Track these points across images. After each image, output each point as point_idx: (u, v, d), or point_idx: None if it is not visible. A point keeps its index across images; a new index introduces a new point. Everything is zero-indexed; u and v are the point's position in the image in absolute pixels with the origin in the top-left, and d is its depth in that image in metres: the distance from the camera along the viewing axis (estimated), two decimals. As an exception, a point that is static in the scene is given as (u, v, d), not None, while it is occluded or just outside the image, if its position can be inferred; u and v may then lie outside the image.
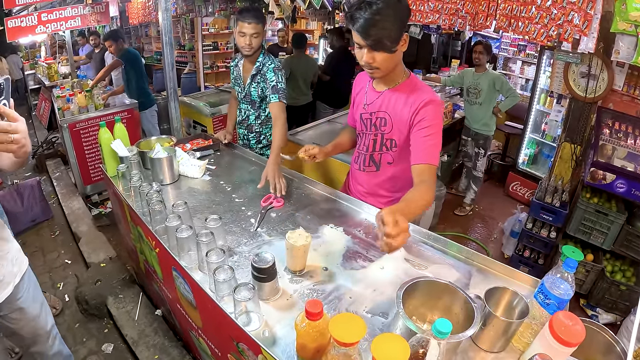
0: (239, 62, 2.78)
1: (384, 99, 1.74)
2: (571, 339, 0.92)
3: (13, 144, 1.16)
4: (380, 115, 1.76)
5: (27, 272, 1.78)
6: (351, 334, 0.85)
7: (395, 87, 1.72)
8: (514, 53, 6.89)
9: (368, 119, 1.82)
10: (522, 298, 1.15)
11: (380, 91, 1.76)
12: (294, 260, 1.48)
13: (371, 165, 1.91)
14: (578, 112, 3.18)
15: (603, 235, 2.97)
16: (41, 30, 3.49)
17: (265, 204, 2.00)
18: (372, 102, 1.78)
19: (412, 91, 1.67)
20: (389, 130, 1.75)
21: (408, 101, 1.66)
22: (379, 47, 1.51)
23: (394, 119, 1.72)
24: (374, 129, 1.80)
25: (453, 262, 1.60)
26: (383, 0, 1.44)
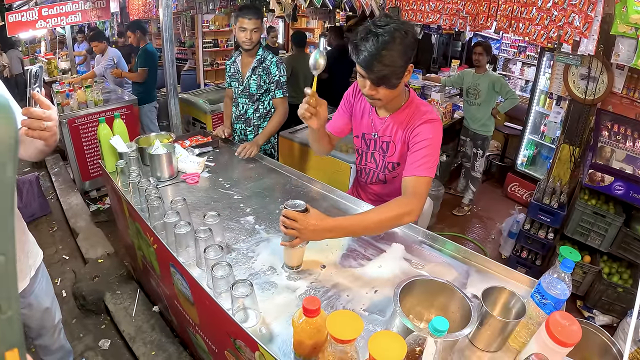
0: (236, 58, 2.86)
1: (387, 125, 1.72)
2: (567, 339, 0.93)
3: (46, 132, 1.18)
4: (386, 140, 1.75)
5: (41, 265, 1.78)
6: (348, 331, 0.85)
7: (397, 111, 1.68)
8: (514, 54, 6.89)
9: (372, 140, 1.81)
10: (519, 298, 1.16)
11: (383, 117, 1.73)
12: (291, 257, 1.48)
13: (378, 182, 1.93)
14: (577, 114, 3.18)
15: (600, 237, 2.97)
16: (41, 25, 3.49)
17: None
18: (379, 128, 1.75)
19: (413, 114, 1.65)
20: (392, 154, 1.76)
21: (409, 125, 1.65)
22: (382, 83, 1.46)
23: (397, 143, 1.71)
24: (381, 151, 1.80)
25: (451, 261, 1.61)
26: (389, 32, 1.36)
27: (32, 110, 1.16)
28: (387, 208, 1.47)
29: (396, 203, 1.48)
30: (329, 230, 1.38)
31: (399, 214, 1.45)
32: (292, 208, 1.38)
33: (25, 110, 1.16)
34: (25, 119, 1.17)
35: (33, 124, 1.16)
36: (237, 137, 2.99)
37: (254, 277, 1.48)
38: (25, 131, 1.17)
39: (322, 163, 3.20)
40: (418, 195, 1.50)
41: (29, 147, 1.39)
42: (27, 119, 1.16)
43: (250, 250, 1.64)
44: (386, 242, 1.71)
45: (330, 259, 1.59)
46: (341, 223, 1.41)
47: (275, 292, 1.40)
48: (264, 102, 2.83)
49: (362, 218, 1.48)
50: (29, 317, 1.80)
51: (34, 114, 1.16)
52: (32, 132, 1.17)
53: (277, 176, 2.34)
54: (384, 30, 1.36)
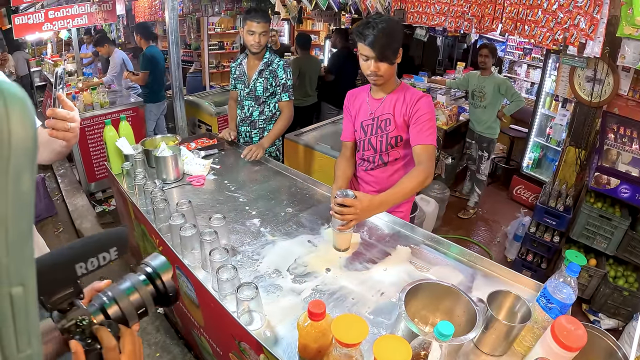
0: (242, 61, 2.85)
1: (386, 103, 1.95)
2: (573, 344, 0.92)
3: (69, 132, 1.22)
4: (385, 117, 1.95)
5: None
6: (353, 335, 0.85)
7: (392, 92, 1.95)
8: (520, 56, 6.86)
9: (370, 124, 2.00)
10: (524, 302, 1.15)
11: (380, 98, 1.97)
12: (344, 241, 1.66)
13: (379, 164, 2.05)
14: (583, 117, 3.16)
15: (606, 240, 2.95)
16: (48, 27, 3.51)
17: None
18: (376, 108, 1.97)
19: (406, 92, 1.93)
20: (393, 128, 1.94)
21: (405, 100, 1.90)
22: (383, 59, 1.76)
23: (397, 117, 1.92)
24: (379, 130, 1.98)
25: (456, 264, 1.61)
26: (386, 21, 1.72)
27: (57, 111, 1.19)
28: (413, 176, 1.76)
29: (418, 171, 1.77)
30: (377, 206, 1.67)
31: (423, 179, 1.75)
32: (344, 196, 1.57)
33: (51, 111, 1.19)
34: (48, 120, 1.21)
35: (57, 124, 1.19)
36: (242, 139, 2.99)
37: (259, 280, 1.48)
38: (50, 132, 1.20)
39: (328, 166, 3.19)
40: (430, 162, 1.81)
41: (45, 150, 1.42)
42: (52, 120, 1.19)
43: (256, 253, 1.64)
44: (391, 245, 1.71)
45: (336, 262, 1.60)
46: (386, 197, 1.69)
47: (280, 295, 1.41)
48: (270, 105, 2.84)
49: (399, 189, 1.73)
50: None
51: (59, 115, 1.19)
52: (57, 133, 1.20)
53: (282, 179, 2.35)
54: (381, 20, 1.72)
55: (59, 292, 0.64)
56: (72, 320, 0.66)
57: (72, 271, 0.64)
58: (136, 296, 0.73)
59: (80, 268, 0.64)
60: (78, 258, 0.64)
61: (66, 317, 0.66)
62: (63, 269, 0.64)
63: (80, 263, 0.64)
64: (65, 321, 0.66)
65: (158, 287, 0.75)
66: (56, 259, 0.64)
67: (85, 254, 0.65)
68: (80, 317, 0.66)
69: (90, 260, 0.65)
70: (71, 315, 0.66)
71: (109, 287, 0.74)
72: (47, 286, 0.62)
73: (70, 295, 0.65)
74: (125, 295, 0.72)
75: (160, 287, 0.76)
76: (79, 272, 0.64)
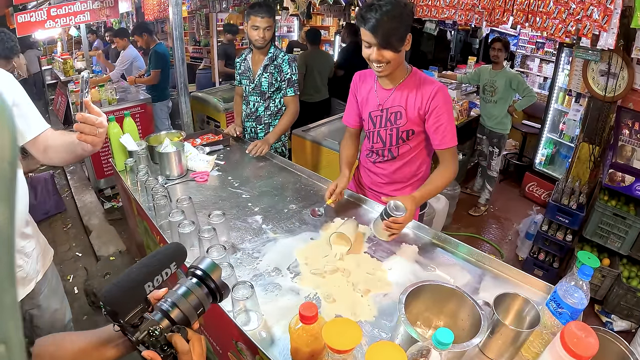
0: (247, 56, 2.81)
1: (396, 95, 1.82)
2: (583, 352, 0.87)
3: (97, 137, 1.28)
4: (395, 110, 1.83)
5: (51, 265, 1.77)
6: (345, 341, 0.80)
7: (403, 82, 1.81)
8: (532, 51, 6.74)
9: (380, 115, 1.88)
10: (533, 306, 1.10)
11: (390, 88, 1.83)
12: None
13: (388, 156, 1.97)
14: (597, 112, 3.07)
15: (620, 239, 2.87)
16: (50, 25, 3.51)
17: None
18: (386, 99, 1.84)
19: (420, 84, 1.78)
20: (405, 122, 1.83)
21: (419, 93, 1.77)
22: (387, 46, 1.61)
23: (409, 111, 1.80)
24: (388, 124, 1.87)
25: (464, 264, 1.56)
26: (391, 3, 1.56)
27: (86, 116, 1.24)
28: (444, 176, 1.77)
29: (445, 170, 1.79)
30: (416, 208, 1.65)
31: (450, 177, 1.78)
32: (396, 211, 1.53)
33: (81, 116, 1.24)
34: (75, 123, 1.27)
35: (86, 129, 1.25)
36: (248, 135, 2.96)
37: (258, 278, 1.45)
38: (78, 135, 1.27)
39: (336, 162, 3.13)
40: (455, 160, 1.82)
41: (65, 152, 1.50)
42: (81, 124, 1.25)
43: (256, 251, 1.60)
44: (397, 243, 1.66)
45: (338, 261, 1.55)
46: (421, 196, 1.70)
47: (279, 294, 1.37)
48: (275, 100, 2.80)
49: (432, 187, 1.75)
50: (38, 317, 1.79)
51: (89, 120, 1.24)
52: (86, 137, 1.26)
53: (287, 175, 2.31)
54: (385, 2, 1.56)
55: (132, 311, 0.73)
56: (145, 332, 0.73)
57: (143, 291, 0.74)
58: (193, 297, 0.80)
59: (149, 287, 0.75)
60: (146, 278, 0.75)
61: (139, 329, 0.73)
62: (136, 291, 0.73)
63: (149, 282, 0.75)
64: (139, 333, 0.73)
65: (210, 286, 0.83)
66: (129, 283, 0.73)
67: (151, 274, 0.75)
68: (151, 328, 0.74)
69: (156, 278, 0.76)
70: (143, 327, 0.74)
71: (167, 294, 0.81)
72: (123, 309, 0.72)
73: (141, 311, 0.74)
74: (183, 299, 0.79)
75: (212, 285, 0.83)
76: (147, 290, 0.75)
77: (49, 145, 1.52)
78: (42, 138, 1.52)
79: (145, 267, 0.76)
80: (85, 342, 0.82)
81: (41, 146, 1.52)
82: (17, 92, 1.46)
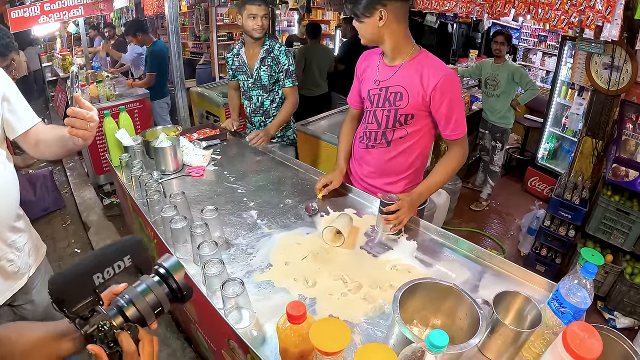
0: (239, 50, 2.73)
1: (400, 73, 1.71)
2: (586, 354, 0.82)
3: (88, 132, 1.26)
4: (396, 90, 1.72)
5: (43, 262, 1.74)
6: (334, 342, 0.76)
7: (409, 60, 1.70)
8: (534, 44, 6.67)
9: (378, 94, 1.78)
10: (534, 304, 1.05)
11: (394, 65, 1.73)
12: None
13: (382, 142, 1.86)
14: (600, 106, 3.02)
15: (624, 235, 2.82)
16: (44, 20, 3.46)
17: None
18: (388, 77, 1.74)
19: (428, 65, 1.67)
20: (405, 104, 1.72)
21: (424, 75, 1.65)
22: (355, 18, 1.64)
23: (412, 93, 1.69)
24: (387, 104, 1.76)
25: (464, 261, 1.51)
26: None
27: (77, 110, 1.22)
28: (450, 161, 1.75)
29: (454, 156, 1.75)
30: (418, 198, 1.69)
31: (455, 168, 1.76)
32: (389, 201, 1.57)
33: (71, 111, 1.22)
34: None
35: (77, 123, 1.23)
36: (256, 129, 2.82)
37: (250, 275, 1.41)
38: (69, 130, 1.25)
39: (334, 156, 3.10)
40: (464, 148, 1.77)
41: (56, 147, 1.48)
42: (72, 118, 1.23)
43: (250, 246, 1.57)
44: (395, 239, 1.62)
45: (333, 257, 1.51)
46: (426, 187, 1.73)
47: (272, 291, 1.33)
48: (278, 92, 2.76)
49: (434, 180, 1.74)
50: (32, 312, 1.77)
51: (80, 115, 1.23)
52: (77, 131, 1.25)
53: (284, 169, 2.27)
54: None
55: (80, 301, 0.70)
56: (94, 326, 0.71)
57: (91, 282, 0.71)
58: (152, 296, 0.77)
59: (98, 278, 0.72)
60: (95, 270, 0.72)
61: (89, 323, 0.71)
62: (82, 281, 0.71)
63: (98, 274, 0.72)
64: (88, 327, 0.71)
65: (171, 286, 0.80)
66: (75, 273, 0.71)
67: (101, 265, 0.72)
68: (101, 323, 0.71)
69: (107, 270, 0.73)
70: (93, 321, 0.71)
71: (126, 290, 0.78)
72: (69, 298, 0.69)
73: (90, 303, 0.71)
74: (141, 297, 0.76)
75: (173, 285, 0.80)
76: (96, 282, 0.72)
77: (40, 139, 1.51)
78: (33, 132, 1.51)
79: (96, 258, 0.73)
80: (44, 333, 0.80)
81: (32, 140, 1.51)
82: (8, 86, 1.45)
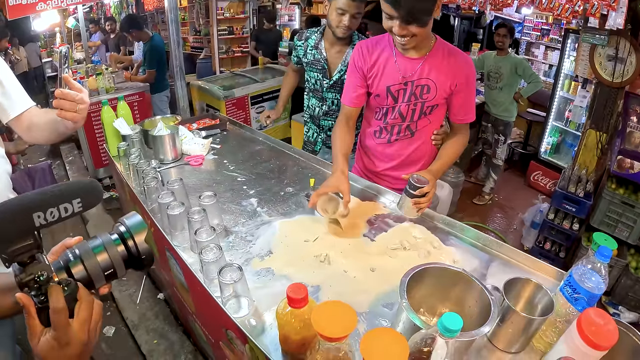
0: (318, 43, 2.30)
1: (426, 66, 1.62)
2: (602, 342, 0.78)
3: (78, 114, 1.23)
4: (423, 83, 1.64)
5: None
6: (338, 327, 0.70)
7: (431, 52, 1.62)
8: (537, 38, 6.61)
9: (403, 89, 1.68)
10: (546, 291, 1.01)
11: (416, 58, 1.62)
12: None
13: (406, 133, 1.81)
14: (604, 98, 2.98)
15: (629, 228, 2.79)
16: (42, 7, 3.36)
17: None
18: (413, 71, 1.63)
19: (449, 54, 1.63)
20: (433, 97, 1.66)
21: (450, 65, 1.62)
22: (412, 20, 1.39)
23: (440, 85, 1.63)
24: (413, 98, 1.68)
25: (470, 249, 1.47)
26: None
27: (65, 92, 1.19)
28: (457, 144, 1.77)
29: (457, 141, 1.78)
30: (436, 176, 1.64)
31: (462, 149, 1.79)
32: (420, 184, 1.54)
33: (59, 92, 1.19)
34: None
35: (65, 105, 1.20)
36: (325, 134, 2.50)
37: (249, 262, 1.37)
38: (58, 112, 1.21)
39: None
40: (467, 130, 1.82)
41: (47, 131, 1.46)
42: (60, 100, 1.20)
43: (250, 234, 1.52)
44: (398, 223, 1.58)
45: (335, 244, 1.47)
46: (440, 167, 1.69)
47: (272, 279, 1.29)
48: None
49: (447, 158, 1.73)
50: None
51: (68, 96, 1.19)
52: (66, 114, 1.21)
53: (284, 158, 2.22)
54: None
55: (16, 242, 0.61)
56: (31, 275, 0.63)
57: (30, 221, 0.60)
58: (104, 256, 0.69)
59: (39, 218, 0.61)
60: (36, 207, 0.61)
61: (25, 270, 0.63)
62: (19, 217, 0.60)
63: (39, 212, 0.60)
64: (24, 275, 0.63)
65: (130, 249, 0.71)
66: (12, 206, 0.60)
67: (44, 204, 0.61)
68: (39, 272, 0.63)
69: (50, 211, 0.62)
70: (30, 269, 0.63)
71: (78, 244, 0.70)
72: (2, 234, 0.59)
73: (29, 247, 0.62)
74: (92, 255, 0.68)
75: (132, 248, 0.71)
76: (36, 222, 0.61)
77: (33, 123, 1.47)
78: (26, 116, 1.47)
79: (40, 195, 0.62)
80: None
81: (25, 124, 1.48)
82: (1, 70, 1.42)
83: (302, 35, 2.40)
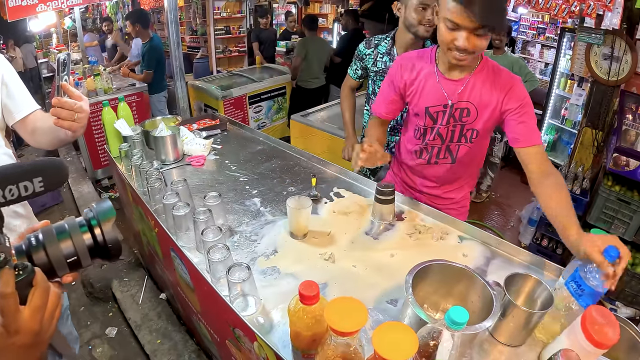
0: (390, 49, 2.10)
1: (469, 88, 1.48)
2: (605, 340, 0.81)
3: (76, 123, 1.17)
4: (463, 106, 1.51)
5: None
6: (350, 322, 0.73)
7: (475, 71, 1.47)
8: (533, 36, 6.66)
9: (442, 111, 1.55)
10: (545, 286, 1.04)
11: (459, 79, 1.49)
12: (297, 225, 1.48)
13: (446, 157, 1.67)
14: (600, 96, 3.02)
15: (625, 225, 2.82)
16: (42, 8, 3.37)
17: None
18: (455, 93, 1.50)
19: (494, 75, 1.47)
20: (472, 120, 1.53)
21: (494, 87, 1.46)
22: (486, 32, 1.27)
23: (480, 108, 1.49)
24: (452, 120, 1.55)
25: (470, 245, 1.50)
26: None
27: (63, 100, 1.14)
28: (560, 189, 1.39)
29: (558, 181, 1.41)
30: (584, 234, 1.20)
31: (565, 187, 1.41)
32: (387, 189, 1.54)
33: (56, 101, 1.14)
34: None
35: (62, 113, 1.15)
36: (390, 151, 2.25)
37: (255, 262, 1.39)
38: (55, 121, 1.16)
39: (335, 146, 3.10)
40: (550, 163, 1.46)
41: (47, 136, 1.41)
42: (57, 109, 1.15)
43: (254, 233, 1.54)
44: (399, 226, 1.61)
45: (340, 244, 1.49)
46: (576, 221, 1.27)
47: (278, 278, 1.31)
48: None
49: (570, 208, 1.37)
50: None
51: (66, 105, 1.14)
52: (62, 122, 1.16)
53: (286, 158, 2.24)
54: None
55: None
56: None
57: None
58: (68, 244, 0.63)
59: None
60: None
61: None
62: None
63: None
64: None
65: (96, 237, 0.65)
66: None
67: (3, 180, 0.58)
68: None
69: (9, 188, 0.58)
70: None
71: (44, 228, 0.64)
72: None
73: None
74: (56, 241, 0.63)
75: (98, 236, 0.65)
76: None
77: (37, 127, 1.45)
78: (30, 119, 1.46)
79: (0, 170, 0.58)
80: None
81: (29, 128, 1.46)
82: (7, 71, 1.40)
83: (370, 42, 2.20)
